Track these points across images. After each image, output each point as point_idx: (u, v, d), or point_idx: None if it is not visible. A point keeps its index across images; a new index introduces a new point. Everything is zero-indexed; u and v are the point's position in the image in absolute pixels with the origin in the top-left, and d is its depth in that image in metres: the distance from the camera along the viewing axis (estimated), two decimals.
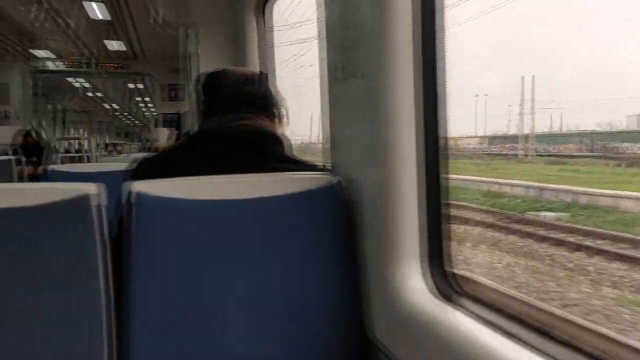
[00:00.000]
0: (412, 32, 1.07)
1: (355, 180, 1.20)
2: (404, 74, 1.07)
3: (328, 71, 1.30)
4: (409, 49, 1.07)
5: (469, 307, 0.96)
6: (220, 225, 1.09)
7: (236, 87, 1.38)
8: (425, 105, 1.08)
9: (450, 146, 1.15)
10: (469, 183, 9.26)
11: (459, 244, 5.46)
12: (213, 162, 1.25)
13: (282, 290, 1.11)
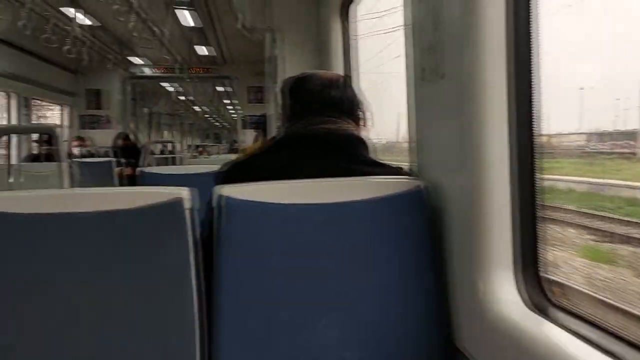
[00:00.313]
0: (505, 29, 1.02)
1: (441, 184, 1.17)
2: (495, 74, 1.03)
3: (414, 72, 1.28)
4: (501, 47, 1.02)
5: (565, 322, 0.90)
6: (305, 229, 1.10)
7: (321, 91, 1.39)
8: (519, 105, 1.03)
9: (551, 144, 1.09)
10: (588, 187, 7.67)
11: (596, 264, 4.31)
12: (299, 166, 1.26)
13: (366, 295, 1.10)
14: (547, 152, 1.08)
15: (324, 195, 1.12)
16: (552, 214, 4.80)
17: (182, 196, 1.08)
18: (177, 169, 3.06)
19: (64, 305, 1.04)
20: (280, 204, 1.10)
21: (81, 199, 1.07)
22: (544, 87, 1.03)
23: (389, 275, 1.11)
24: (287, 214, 1.10)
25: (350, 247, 1.11)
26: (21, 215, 1.04)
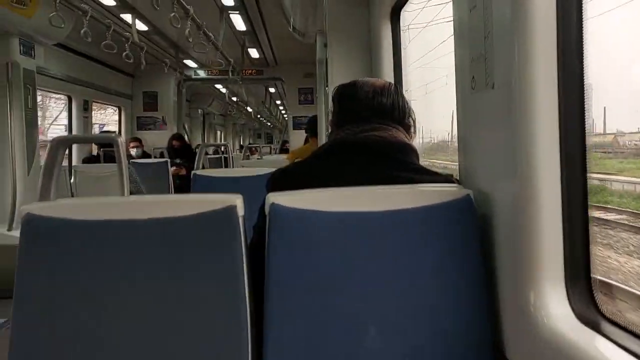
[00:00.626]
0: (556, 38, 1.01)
1: (489, 193, 1.16)
2: (545, 83, 1.01)
3: (461, 80, 1.28)
4: (552, 55, 1.01)
5: (617, 337, 0.88)
6: (354, 237, 1.12)
7: (371, 98, 1.40)
8: (569, 114, 1.01)
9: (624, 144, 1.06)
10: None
11: None
12: (347, 173, 1.28)
13: (414, 305, 1.11)
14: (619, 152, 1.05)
15: (372, 203, 1.14)
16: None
17: (236, 204, 1.12)
18: (229, 172, 3.13)
19: (121, 308, 1.10)
20: (329, 212, 1.12)
21: (139, 206, 1.13)
22: (605, 88, 1.01)
23: (436, 285, 1.12)
24: (336, 222, 1.12)
25: (398, 256, 1.12)
26: (83, 221, 1.10)
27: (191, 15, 4.21)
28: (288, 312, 1.09)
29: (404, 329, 1.10)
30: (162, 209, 1.12)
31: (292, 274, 1.10)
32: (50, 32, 4.46)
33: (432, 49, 3.43)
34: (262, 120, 21.37)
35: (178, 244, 1.11)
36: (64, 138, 1.30)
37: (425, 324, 1.10)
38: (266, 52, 8.26)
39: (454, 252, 1.13)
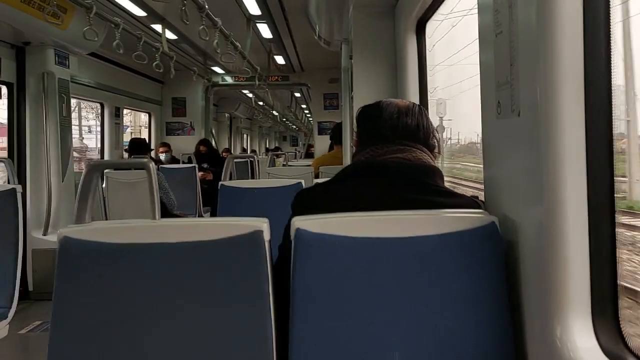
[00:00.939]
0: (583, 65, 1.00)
1: (513, 219, 1.16)
2: (570, 109, 1.01)
3: (487, 105, 1.28)
4: (579, 83, 1.01)
5: None
6: (376, 263, 1.13)
7: (393, 119, 1.41)
8: (597, 142, 1.01)
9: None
10: None
11: None
12: (370, 197, 1.28)
13: (437, 333, 1.11)
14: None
15: (396, 229, 1.15)
16: None
17: (262, 228, 1.15)
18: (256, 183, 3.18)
19: (151, 327, 1.14)
20: (354, 238, 1.14)
21: (169, 229, 1.17)
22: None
23: (460, 313, 1.12)
24: (360, 248, 1.13)
25: (421, 283, 1.12)
26: (116, 244, 1.15)
27: (219, 27, 4.27)
28: (313, 336, 1.11)
29: (427, 356, 1.11)
30: (191, 233, 1.16)
31: (316, 298, 1.11)
32: (83, 43, 4.59)
33: (460, 48, 3.39)
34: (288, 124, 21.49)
35: (206, 267, 1.15)
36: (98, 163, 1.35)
37: (449, 352, 1.11)
38: (292, 58, 8.32)
39: (479, 280, 1.13)
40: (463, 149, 8.61)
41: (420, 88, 2.67)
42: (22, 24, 4.10)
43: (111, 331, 1.14)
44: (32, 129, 4.81)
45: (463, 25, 2.52)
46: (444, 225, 1.15)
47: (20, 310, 2.97)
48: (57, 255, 1.15)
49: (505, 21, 1.15)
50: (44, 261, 4.66)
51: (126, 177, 4.76)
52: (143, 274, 1.15)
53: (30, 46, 4.75)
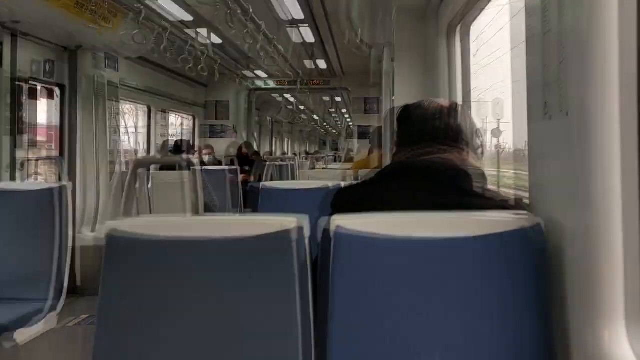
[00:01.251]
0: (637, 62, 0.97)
1: (559, 222, 1.12)
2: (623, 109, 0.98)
3: (532, 105, 1.25)
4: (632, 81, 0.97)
5: None
6: (414, 264, 1.12)
7: (435, 118, 1.39)
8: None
9: None
10: None
11: None
12: (409, 197, 1.27)
13: (475, 336, 1.09)
14: None
15: (438, 230, 1.13)
16: None
17: (303, 225, 1.16)
18: (296, 184, 3.21)
19: (190, 322, 1.16)
20: (393, 237, 1.13)
21: (211, 225, 1.20)
22: None
23: (499, 317, 1.09)
24: (400, 248, 1.12)
25: (462, 285, 1.10)
26: (160, 238, 1.19)
27: (263, 30, 4.34)
28: (351, 335, 1.10)
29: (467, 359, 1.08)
30: (232, 229, 1.18)
31: (355, 298, 1.11)
32: (132, 46, 4.74)
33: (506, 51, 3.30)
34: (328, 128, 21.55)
35: (246, 262, 1.17)
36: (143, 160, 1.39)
37: (488, 355, 1.08)
38: (333, 62, 8.35)
39: (522, 283, 1.10)
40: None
41: (463, 90, 2.63)
42: (74, 27, 4.27)
43: (152, 322, 1.17)
44: (82, 129, 5.00)
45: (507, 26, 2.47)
46: (487, 227, 1.12)
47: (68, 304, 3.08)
48: (104, 248, 1.19)
49: (554, 19, 1.12)
50: (91, 258, 4.83)
51: (171, 177, 4.87)
52: (184, 268, 1.17)
53: (81, 50, 4.94)
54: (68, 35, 4.64)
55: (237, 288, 1.16)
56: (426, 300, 1.10)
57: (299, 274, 1.15)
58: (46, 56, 4.72)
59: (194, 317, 1.16)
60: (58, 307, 2.64)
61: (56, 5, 3.77)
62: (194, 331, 1.16)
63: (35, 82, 4.67)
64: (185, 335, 1.16)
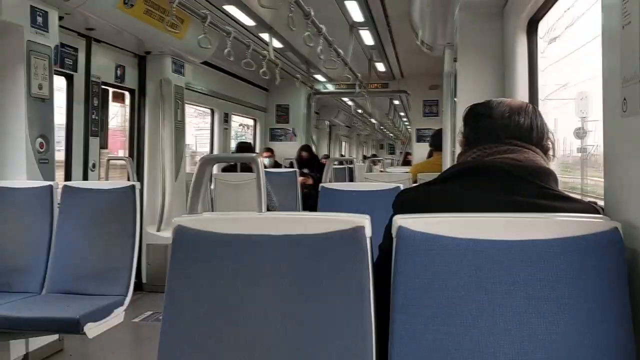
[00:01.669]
0: None
1: (638, 227, 1.06)
2: None
3: (609, 102, 1.18)
4: None
5: None
6: (482, 266, 1.08)
7: (504, 117, 1.35)
8: None
9: None
10: None
11: None
12: (477, 198, 1.23)
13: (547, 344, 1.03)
14: None
15: (505, 232, 1.09)
16: None
17: (364, 225, 1.15)
18: (354, 186, 3.22)
19: (254, 318, 1.18)
20: (459, 239, 1.09)
21: (274, 222, 1.22)
22: None
23: (574, 324, 1.04)
24: (465, 250, 1.09)
25: (532, 290, 1.05)
26: (225, 234, 1.21)
27: (323, 34, 4.37)
28: (414, 338, 1.08)
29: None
30: (295, 226, 1.19)
31: (418, 300, 1.09)
32: (198, 51, 4.91)
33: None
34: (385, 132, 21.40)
35: (308, 260, 1.17)
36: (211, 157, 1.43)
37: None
38: (392, 65, 8.29)
39: (597, 289, 1.04)
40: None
41: (530, 90, 2.54)
42: (144, 34, 4.47)
43: (216, 318, 1.19)
44: (150, 132, 5.22)
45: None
46: (559, 229, 1.07)
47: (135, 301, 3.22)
48: (171, 242, 1.23)
49: (635, 10, 1.06)
50: (157, 256, 5.03)
51: (233, 179, 5.00)
52: (249, 264, 1.19)
53: (150, 55, 5.18)
54: (138, 42, 4.87)
55: (306, 285, 1.16)
56: (492, 304, 1.06)
57: (372, 272, 1.14)
58: (118, 61, 4.97)
59: (263, 314, 1.18)
60: (125, 302, 2.76)
61: (128, 12, 3.96)
62: (262, 328, 1.17)
63: (107, 86, 4.93)
64: (253, 332, 1.17)
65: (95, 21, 4.11)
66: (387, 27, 5.98)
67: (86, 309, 2.51)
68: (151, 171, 5.25)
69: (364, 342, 1.11)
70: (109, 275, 2.81)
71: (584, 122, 3.55)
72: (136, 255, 2.87)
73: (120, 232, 2.86)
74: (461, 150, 1.43)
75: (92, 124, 4.59)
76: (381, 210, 1.34)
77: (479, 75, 2.98)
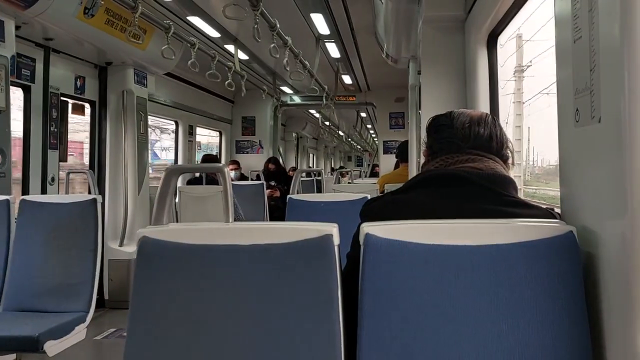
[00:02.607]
0: None
1: (593, 231, 1.10)
2: None
3: (563, 113, 1.23)
4: None
5: None
6: (446, 271, 1.10)
7: (465, 127, 1.39)
8: None
9: None
10: None
11: None
12: (440, 207, 1.26)
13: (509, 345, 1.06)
14: None
15: (467, 237, 1.12)
16: None
17: (332, 233, 1.16)
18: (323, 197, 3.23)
19: (222, 327, 1.17)
20: (424, 244, 1.12)
21: (241, 232, 1.20)
22: None
23: (534, 325, 1.07)
24: (430, 255, 1.11)
25: (493, 293, 1.09)
26: (190, 245, 1.20)
27: (289, 46, 4.39)
28: (381, 344, 1.09)
29: None
30: (262, 236, 1.19)
31: (385, 306, 1.10)
32: (161, 62, 4.86)
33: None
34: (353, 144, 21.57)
35: (276, 269, 1.17)
36: (176, 168, 1.42)
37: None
38: (359, 77, 8.39)
39: (555, 291, 1.08)
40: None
41: (491, 102, 2.61)
42: (105, 44, 4.40)
43: (183, 329, 1.18)
44: (111, 144, 5.12)
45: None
46: (518, 234, 1.11)
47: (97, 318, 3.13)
48: (136, 254, 1.21)
49: (584, 26, 1.11)
50: (120, 271, 4.91)
51: (198, 192, 4.95)
52: (215, 275, 1.18)
53: (111, 66, 5.09)
54: (99, 52, 4.78)
55: (274, 294, 1.16)
56: (456, 308, 1.09)
57: (340, 280, 1.15)
58: (78, 72, 4.87)
59: (231, 325, 1.17)
60: (87, 319, 2.69)
61: (88, 22, 3.90)
62: (230, 339, 1.16)
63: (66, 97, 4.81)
64: (221, 344, 1.16)
65: (54, 31, 4.02)
66: (352, 39, 6.06)
67: (46, 326, 2.43)
68: (113, 184, 5.13)
69: (333, 349, 1.12)
70: (69, 291, 2.74)
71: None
72: (98, 271, 2.80)
73: (81, 247, 2.79)
74: (425, 160, 1.47)
75: (51, 136, 4.47)
76: (349, 220, 1.35)
77: (442, 87, 3.05)
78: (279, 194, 6.82)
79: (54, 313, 2.65)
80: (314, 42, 5.92)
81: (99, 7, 3.91)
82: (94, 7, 3.86)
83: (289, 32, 4.43)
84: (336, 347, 1.12)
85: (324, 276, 1.14)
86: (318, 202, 2.94)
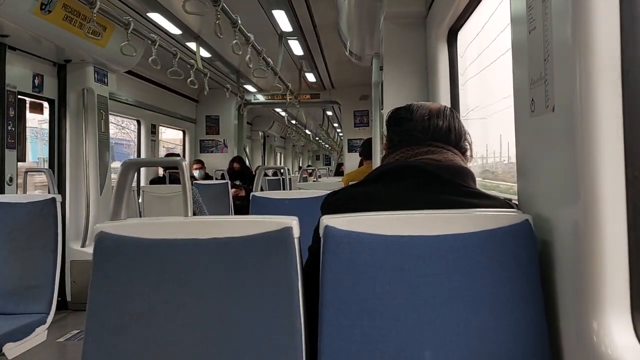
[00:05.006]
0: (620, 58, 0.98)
1: (549, 218, 1.13)
2: (607, 104, 0.99)
3: (519, 103, 1.26)
4: (616, 77, 0.99)
5: None
6: (406, 261, 1.12)
7: (424, 120, 1.40)
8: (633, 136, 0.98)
9: None
10: None
11: None
12: (400, 197, 1.27)
13: (469, 331, 1.09)
14: None
15: (427, 228, 1.13)
16: None
17: (292, 225, 1.16)
18: (287, 194, 3.21)
19: (183, 321, 1.15)
20: (383, 236, 1.13)
21: (200, 226, 1.19)
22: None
23: (493, 311, 1.09)
24: (390, 246, 1.12)
25: (453, 281, 1.10)
26: (150, 239, 1.18)
27: (251, 42, 4.36)
28: (342, 334, 1.10)
29: (460, 355, 1.08)
30: (222, 230, 1.18)
31: (346, 296, 1.11)
32: (121, 60, 4.75)
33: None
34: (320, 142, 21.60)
35: (236, 262, 1.16)
36: (134, 162, 1.39)
37: (482, 351, 1.08)
38: (322, 75, 8.40)
39: (512, 278, 1.10)
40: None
41: (452, 97, 2.66)
42: (63, 41, 4.27)
43: (142, 323, 1.15)
44: (72, 143, 4.98)
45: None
46: (476, 224, 1.13)
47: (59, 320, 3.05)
48: (94, 250, 1.18)
49: (538, 16, 1.14)
50: (82, 272, 4.78)
51: (162, 191, 4.87)
52: (175, 269, 1.16)
53: (71, 64, 4.94)
54: (57, 50, 4.65)
55: (234, 287, 1.15)
56: (416, 296, 1.10)
57: (301, 272, 1.15)
58: (35, 70, 4.72)
59: (191, 318, 1.15)
60: (48, 320, 2.61)
61: (45, 18, 3.78)
62: (190, 333, 1.14)
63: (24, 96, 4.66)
64: (181, 338, 1.14)
65: (9, 27, 3.88)
66: (315, 37, 6.06)
67: (5, 328, 2.34)
68: (74, 184, 4.99)
69: (294, 340, 1.11)
70: (29, 292, 2.65)
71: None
72: (58, 272, 2.71)
73: (41, 248, 2.70)
74: (385, 153, 1.48)
75: (8, 135, 4.31)
76: (312, 216, 1.35)
77: (404, 83, 3.08)
78: (244, 194, 6.77)
79: (13, 315, 2.57)
80: (277, 39, 5.90)
81: (56, 3, 3.79)
82: (51, 3, 3.74)
83: (251, 29, 4.40)
84: (297, 337, 1.11)
85: (284, 269, 1.14)
86: (282, 199, 2.93)
